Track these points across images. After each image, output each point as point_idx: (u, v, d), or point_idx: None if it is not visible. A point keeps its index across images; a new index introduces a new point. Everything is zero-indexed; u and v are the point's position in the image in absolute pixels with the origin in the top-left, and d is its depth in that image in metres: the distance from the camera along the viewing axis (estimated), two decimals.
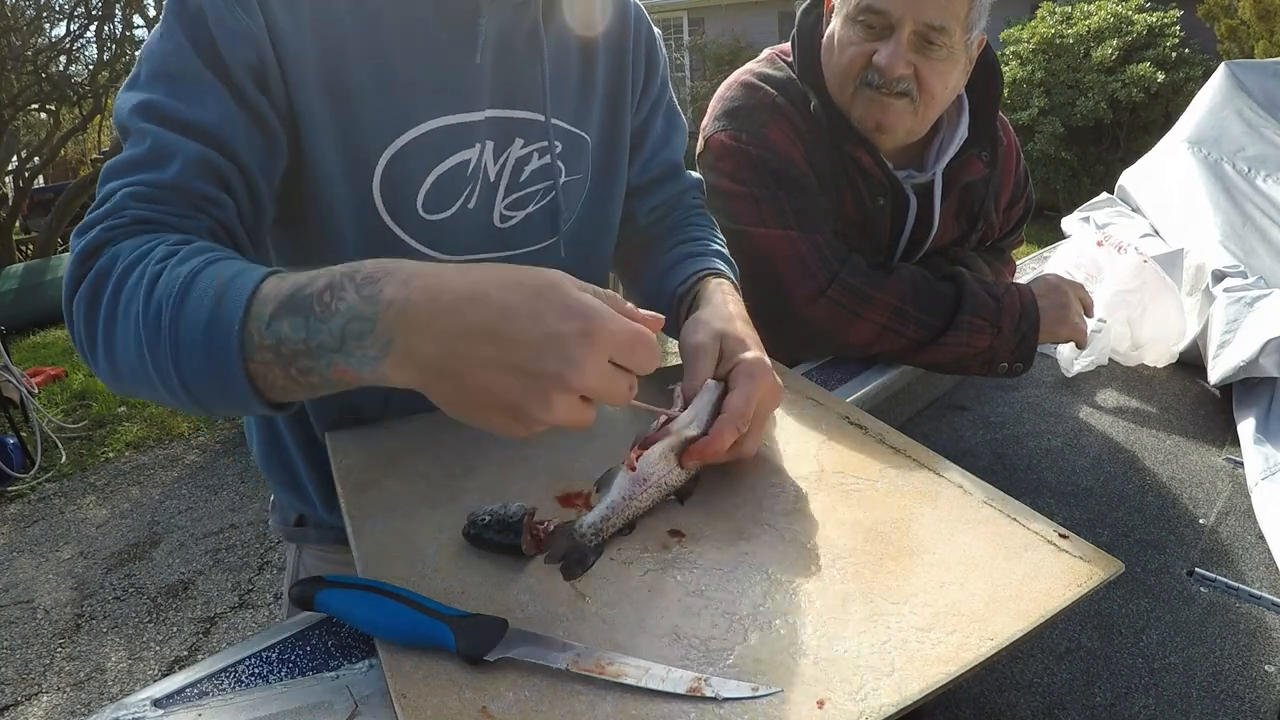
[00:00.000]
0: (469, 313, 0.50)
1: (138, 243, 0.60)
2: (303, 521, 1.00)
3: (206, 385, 0.55)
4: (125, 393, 0.64)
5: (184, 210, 0.64)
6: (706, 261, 0.91)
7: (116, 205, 0.62)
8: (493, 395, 0.51)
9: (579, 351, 0.49)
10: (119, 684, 2.85)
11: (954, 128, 1.17)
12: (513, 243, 0.87)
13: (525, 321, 0.49)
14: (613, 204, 0.95)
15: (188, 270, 0.55)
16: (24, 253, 9.13)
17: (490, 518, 0.62)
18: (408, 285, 0.51)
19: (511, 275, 0.52)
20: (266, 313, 0.53)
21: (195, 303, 0.54)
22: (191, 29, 0.67)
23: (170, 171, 0.64)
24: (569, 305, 0.50)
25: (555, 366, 0.49)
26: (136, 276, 0.57)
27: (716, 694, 0.49)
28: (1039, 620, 0.54)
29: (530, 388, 0.50)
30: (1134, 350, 1.26)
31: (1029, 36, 8.53)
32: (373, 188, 0.76)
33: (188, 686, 0.55)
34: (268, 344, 0.53)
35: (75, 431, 5.02)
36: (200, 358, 0.54)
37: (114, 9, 8.45)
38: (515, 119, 0.82)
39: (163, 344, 0.54)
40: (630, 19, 0.92)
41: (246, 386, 0.54)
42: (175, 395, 0.57)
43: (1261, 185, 1.45)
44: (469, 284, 0.51)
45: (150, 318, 0.55)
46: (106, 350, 0.59)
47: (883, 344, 1.08)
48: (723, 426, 0.67)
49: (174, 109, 0.66)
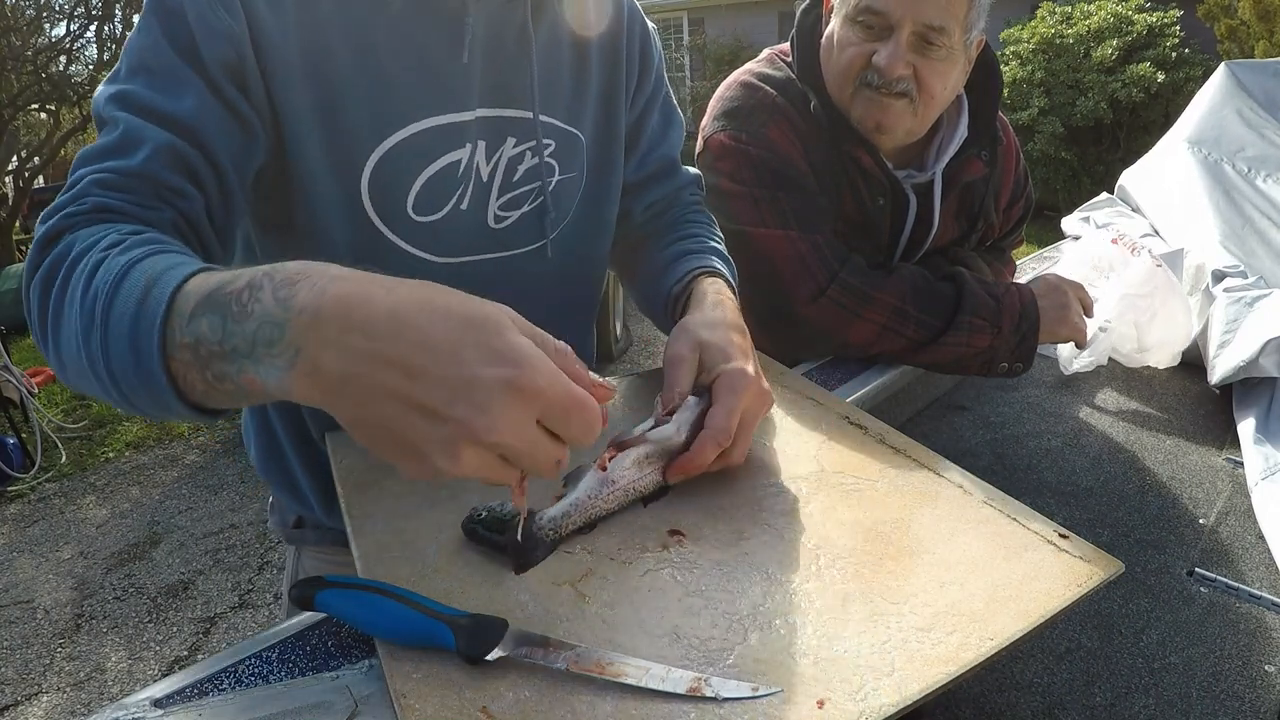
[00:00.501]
0: (382, 335, 0.44)
1: (92, 231, 0.58)
2: (301, 523, 1.00)
3: (132, 382, 0.52)
4: (72, 386, 0.60)
5: (148, 200, 0.63)
6: (702, 260, 0.90)
7: (80, 192, 0.61)
8: (392, 432, 0.45)
9: (498, 402, 0.43)
10: (119, 684, 2.85)
11: (954, 128, 1.17)
12: (507, 243, 0.86)
13: (443, 357, 0.44)
14: (609, 202, 0.95)
15: (126, 260, 0.52)
16: (24, 253, 9.11)
17: (486, 514, 0.62)
18: (323, 293, 0.46)
19: (443, 301, 0.46)
20: (188, 309, 0.49)
21: (126, 294, 0.51)
22: (170, 25, 0.66)
23: (137, 159, 0.63)
24: (498, 348, 0.44)
25: (465, 414, 0.43)
26: (83, 265, 0.55)
27: (716, 694, 0.49)
28: (1039, 620, 0.54)
29: (435, 433, 0.44)
30: (1139, 353, 1.26)
31: (1029, 36, 8.53)
32: (361, 190, 0.75)
33: (188, 686, 0.55)
34: (187, 342, 0.49)
35: (75, 431, 5.02)
36: (126, 352, 0.51)
37: (114, 9, 8.45)
38: (507, 118, 0.81)
39: (95, 334, 0.52)
40: (624, 14, 0.91)
41: (166, 385, 0.50)
42: (107, 390, 0.54)
43: (1261, 185, 1.45)
44: (391, 302, 0.45)
45: (87, 307, 0.52)
46: (54, 339, 0.57)
47: (883, 344, 1.08)
48: (704, 442, 0.66)
49: (149, 99, 0.65)
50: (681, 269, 0.90)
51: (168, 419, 0.58)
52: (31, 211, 11.41)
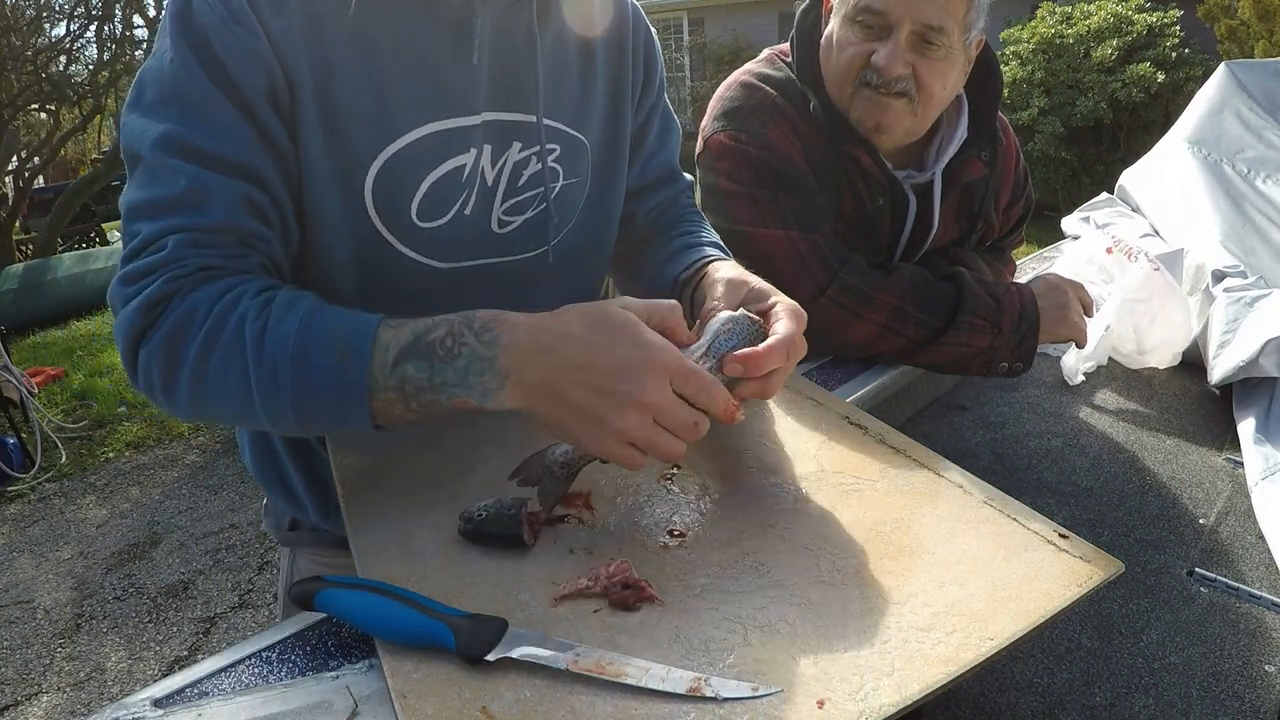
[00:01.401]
0: (563, 348, 0.62)
1: (211, 295, 0.65)
2: (296, 525, 1.00)
3: (326, 423, 0.66)
4: (194, 421, 0.78)
5: (236, 250, 0.69)
6: (704, 251, 0.92)
7: (172, 256, 0.66)
8: (582, 410, 0.61)
9: (643, 374, 0.60)
10: (119, 684, 2.85)
11: (953, 128, 1.17)
12: (510, 248, 0.86)
13: (603, 353, 0.61)
14: (612, 206, 0.95)
15: (292, 329, 0.63)
16: (24, 253, 9.13)
17: (487, 512, 0.62)
18: (516, 330, 0.63)
19: (595, 315, 0.63)
20: (389, 359, 0.63)
21: (319, 356, 0.63)
22: (200, 54, 0.67)
23: (215, 214, 0.67)
24: (637, 341, 0.62)
25: (624, 386, 0.60)
26: (231, 334, 0.64)
27: (716, 694, 0.49)
28: (1039, 620, 0.54)
29: (607, 402, 0.60)
30: (1139, 355, 1.26)
31: (1029, 36, 8.52)
32: (365, 196, 0.75)
33: (188, 686, 0.55)
34: (392, 384, 0.63)
35: (75, 431, 5.02)
36: (328, 405, 0.64)
37: (114, 9, 8.45)
38: (512, 122, 0.81)
39: (282, 396, 0.63)
40: (629, 19, 0.91)
41: (367, 420, 0.64)
42: (279, 427, 0.67)
43: (1261, 185, 1.46)
44: (562, 325, 0.63)
45: (265, 374, 0.63)
46: (193, 397, 0.66)
47: (883, 344, 1.08)
48: (773, 346, 0.67)
49: (201, 142, 0.67)
50: (688, 258, 0.91)
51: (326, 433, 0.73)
52: (31, 211, 11.42)
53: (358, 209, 0.75)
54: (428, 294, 0.81)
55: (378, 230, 0.77)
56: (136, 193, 0.68)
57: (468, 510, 0.63)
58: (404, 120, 0.74)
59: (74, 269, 7.99)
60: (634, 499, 0.70)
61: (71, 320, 7.65)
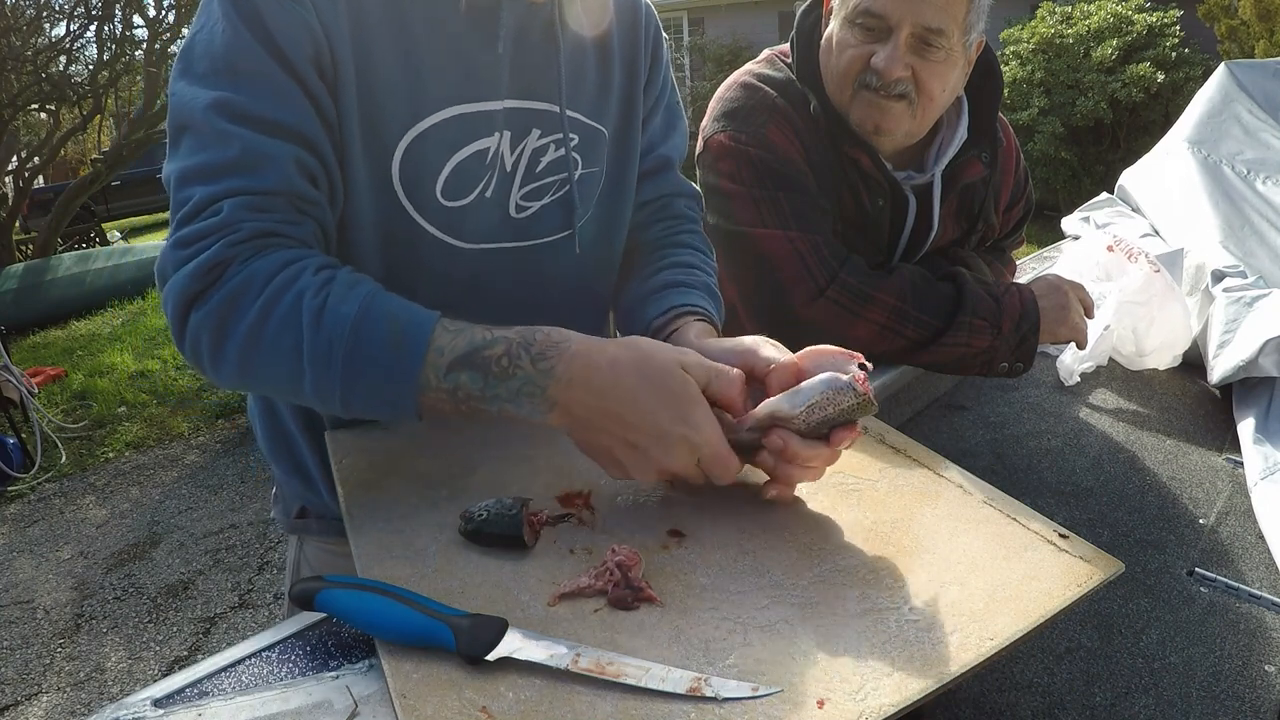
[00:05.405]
0: (611, 396, 0.65)
1: (269, 266, 0.66)
2: (305, 513, 1.00)
3: (373, 407, 0.68)
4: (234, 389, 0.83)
5: (292, 216, 0.69)
6: (689, 297, 0.89)
7: (229, 219, 0.66)
8: (610, 454, 0.66)
9: (676, 449, 0.64)
10: (119, 684, 2.85)
11: (953, 129, 1.17)
12: (528, 233, 0.87)
13: (646, 415, 0.64)
14: (626, 197, 0.96)
15: (352, 311, 0.65)
16: (24, 253, 9.12)
17: (487, 512, 0.62)
18: (572, 364, 0.65)
19: (653, 372, 0.65)
20: (444, 363, 0.65)
21: (373, 346, 0.65)
22: (252, 25, 0.68)
23: (271, 178, 0.68)
24: (684, 415, 0.64)
25: (656, 452, 0.64)
26: (289, 307, 0.65)
27: (716, 694, 0.49)
28: (1039, 620, 0.54)
29: (635, 457, 0.65)
30: (1139, 357, 1.26)
31: (1029, 36, 8.52)
32: (392, 173, 0.77)
33: (188, 686, 0.55)
34: (444, 387, 0.65)
35: (75, 431, 5.02)
36: (377, 393, 0.66)
37: (114, 9, 8.44)
38: (533, 110, 0.83)
39: (333, 374, 0.65)
40: (641, 14, 0.94)
41: (413, 412, 0.67)
42: (324, 405, 0.68)
43: (1261, 186, 1.46)
44: (616, 374, 0.65)
45: (319, 352, 0.65)
46: (242, 365, 0.67)
47: (883, 344, 1.08)
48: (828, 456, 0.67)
49: (254, 108, 0.68)
50: (668, 302, 0.88)
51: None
52: (31, 211, 11.41)
53: (385, 185, 0.77)
54: (449, 275, 0.83)
55: (404, 208, 0.79)
56: (187, 159, 0.68)
57: (468, 510, 0.63)
58: (433, 100, 0.76)
59: (74, 269, 7.98)
60: (634, 499, 0.70)
61: (71, 320, 7.64)
